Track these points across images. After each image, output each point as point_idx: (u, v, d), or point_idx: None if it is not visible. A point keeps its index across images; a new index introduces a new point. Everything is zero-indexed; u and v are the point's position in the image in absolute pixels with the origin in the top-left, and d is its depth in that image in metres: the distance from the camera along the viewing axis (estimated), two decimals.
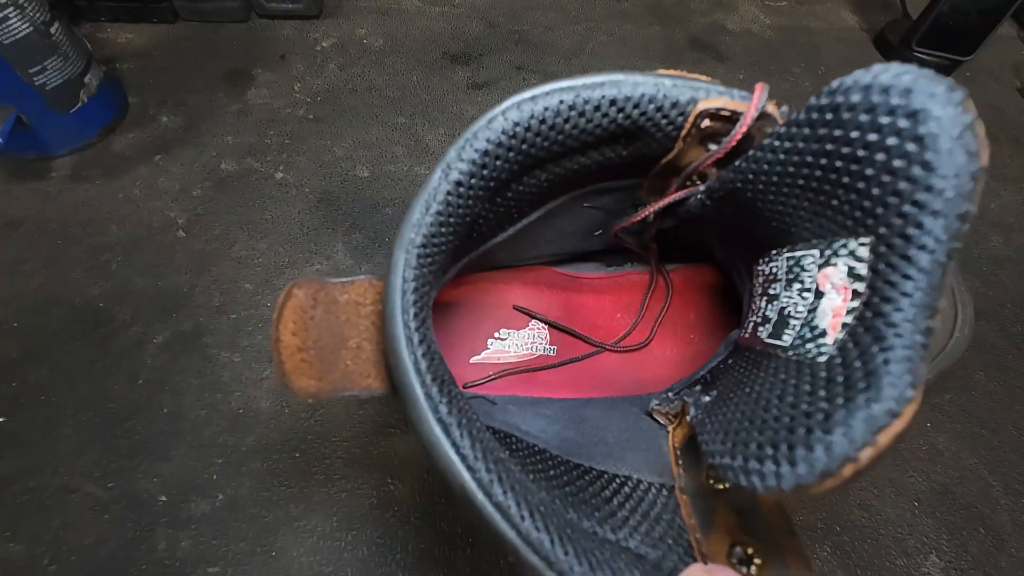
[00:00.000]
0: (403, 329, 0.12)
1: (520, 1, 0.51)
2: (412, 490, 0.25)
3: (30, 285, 0.30)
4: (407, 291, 0.13)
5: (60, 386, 0.27)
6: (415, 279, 0.13)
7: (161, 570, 0.22)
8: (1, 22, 0.28)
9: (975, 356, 0.33)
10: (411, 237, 0.13)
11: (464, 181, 0.13)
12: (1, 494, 0.24)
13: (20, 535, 0.23)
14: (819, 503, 0.27)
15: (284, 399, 0.27)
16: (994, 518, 0.28)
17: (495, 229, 0.18)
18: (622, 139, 0.15)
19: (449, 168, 0.13)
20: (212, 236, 0.32)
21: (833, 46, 0.53)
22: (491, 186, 0.14)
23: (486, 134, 0.13)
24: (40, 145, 0.33)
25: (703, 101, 0.14)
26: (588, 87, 0.14)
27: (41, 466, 0.24)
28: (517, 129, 0.14)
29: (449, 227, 0.14)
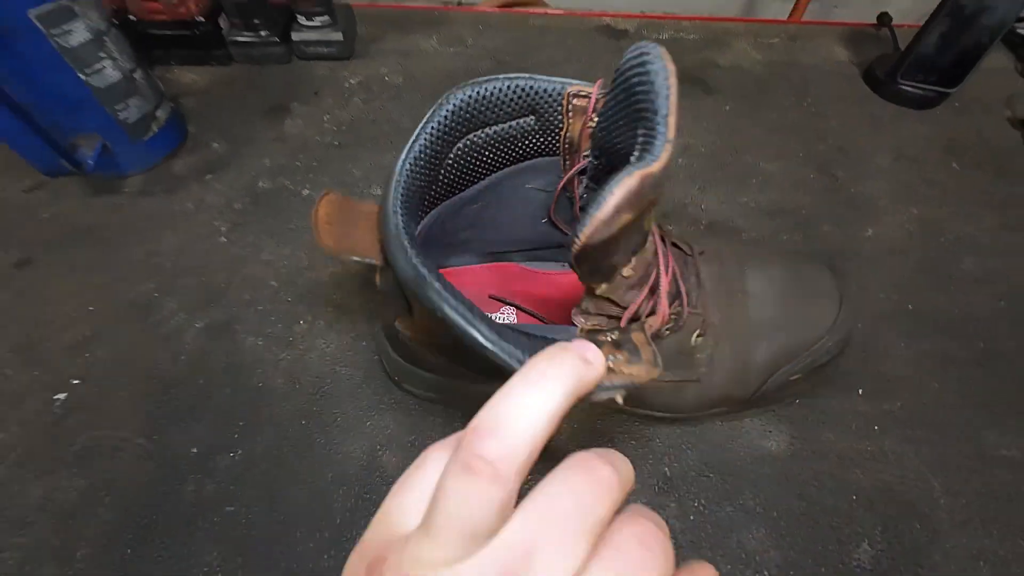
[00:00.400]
0: (392, 218, 0.18)
1: (528, 41, 0.57)
2: (399, 460, 0.30)
3: (101, 279, 0.36)
4: (396, 202, 0.18)
5: (119, 360, 0.33)
6: (402, 195, 0.19)
7: (190, 507, 0.27)
8: (99, 71, 0.36)
9: (934, 367, 0.35)
10: (397, 174, 0.19)
11: (431, 136, 0.19)
12: (71, 442, 0.29)
13: (84, 473, 0.28)
14: (759, 488, 0.30)
15: (295, 379, 0.32)
16: (932, 516, 0.29)
17: (456, 181, 0.23)
18: (531, 112, 0.21)
19: (422, 130, 0.19)
20: (247, 243, 0.39)
21: (822, 80, 0.56)
22: (449, 139, 0.20)
23: (446, 106, 0.19)
24: (117, 166, 0.41)
25: (570, 87, 0.19)
26: (509, 79, 0.20)
27: (101, 421, 0.30)
28: (464, 103, 0.20)
29: (420, 168, 0.20)
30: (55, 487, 0.28)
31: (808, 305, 0.28)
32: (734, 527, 0.29)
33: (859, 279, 0.39)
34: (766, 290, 0.28)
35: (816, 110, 0.52)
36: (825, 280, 0.29)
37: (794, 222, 0.43)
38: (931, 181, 0.47)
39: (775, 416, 0.33)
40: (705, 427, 0.32)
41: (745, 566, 0.28)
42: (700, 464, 0.31)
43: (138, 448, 0.29)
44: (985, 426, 0.33)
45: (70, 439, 0.30)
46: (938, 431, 0.33)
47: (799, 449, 0.31)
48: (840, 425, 0.33)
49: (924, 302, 0.38)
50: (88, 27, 0.34)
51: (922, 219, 0.44)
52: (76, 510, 0.27)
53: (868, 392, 0.34)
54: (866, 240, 0.42)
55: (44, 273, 0.36)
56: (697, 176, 0.45)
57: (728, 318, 0.27)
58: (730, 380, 0.27)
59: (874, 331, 0.37)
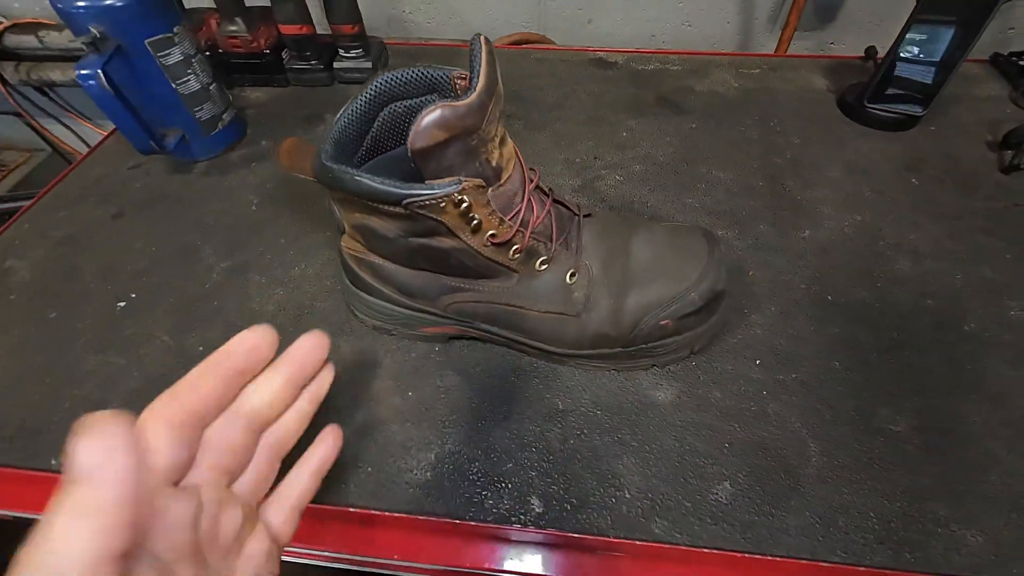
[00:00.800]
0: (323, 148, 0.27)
1: (523, 70, 0.67)
2: (341, 371, 0.37)
3: (164, 230, 0.49)
4: (329, 139, 0.27)
5: (164, 284, 0.44)
6: (334, 137, 0.27)
7: None
8: (186, 83, 0.50)
9: (839, 351, 0.37)
10: (334, 122, 0.28)
11: (361, 101, 0.28)
12: (121, 334, 0.40)
13: (124, 355, 0.39)
14: (638, 428, 0.34)
15: (282, 307, 0.41)
16: (800, 471, 0.32)
17: (383, 140, 0.31)
18: (432, 90, 0.29)
19: (356, 96, 0.28)
20: (271, 211, 0.50)
21: (793, 104, 0.60)
22: (375, 103, 0.28)
23: (373, 81, 0.28)
24: (190, 153, 0.54)
25: (454, 72, 0.27)
26: (416, 68, 0.28)
27: (143, 323, 0.41)
28: (386, 81, 0.28)
29: (352, 121, 0.28)
30: (104, 361, 0.39)
31: (679, 262, 0.33)
32: (607, 454, 0.33)
33: (781, 271, 0.43)
34: (644, 250, 0.33)
35: (780, 129, 0.57)
36: (698, 242, 0.33)
37: (731, 221, 0.47)
38: (881, 192, 0.49)
39: (669, 373, 0.37)
40: (602, 375, 0.36)
41: (609, 484, 0.32)
42: (591, 403, 0.35)
43: (164, 343, 0.40)
44: (880, 405, 0.35)
45: (121, 332, 0.40)
46: (829, 404, 0.35)
47: (685, 402, 0.35)
48: (730, 387, 0.36)
49: (844, 295, 0.41)
50: (182, 52, 0.48)
51: (863, 225, 0.46)
52: (115, 376, 0.38)
53: (766, 363, 0.37)
54: (800, 240, 0.45)
55: (129, 223, 0.50)
56: (649, 180, 0.51)
57: (607, 269, 0.33)
58: (605, 320, 0.32)
59: (785, 313, 0.40)
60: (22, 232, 0.49)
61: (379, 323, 0.38)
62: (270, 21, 0.62)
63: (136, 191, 0.53)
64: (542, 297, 0.32)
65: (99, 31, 0.42)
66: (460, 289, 0.32)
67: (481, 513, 0.31)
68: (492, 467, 0.32)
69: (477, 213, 0.26)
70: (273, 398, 0.20)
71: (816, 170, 0.52)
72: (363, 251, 0.32)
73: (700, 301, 0.32)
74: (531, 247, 0.30)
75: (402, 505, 0.31)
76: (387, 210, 0.26)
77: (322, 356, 0.22)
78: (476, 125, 0.23)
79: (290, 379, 0.21)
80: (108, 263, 0.46)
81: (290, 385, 0.21)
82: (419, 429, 0.34)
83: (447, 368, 0.37)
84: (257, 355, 0.20)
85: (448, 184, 0.24)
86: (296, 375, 0.21)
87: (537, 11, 0.80)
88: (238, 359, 0.19)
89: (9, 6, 0.92)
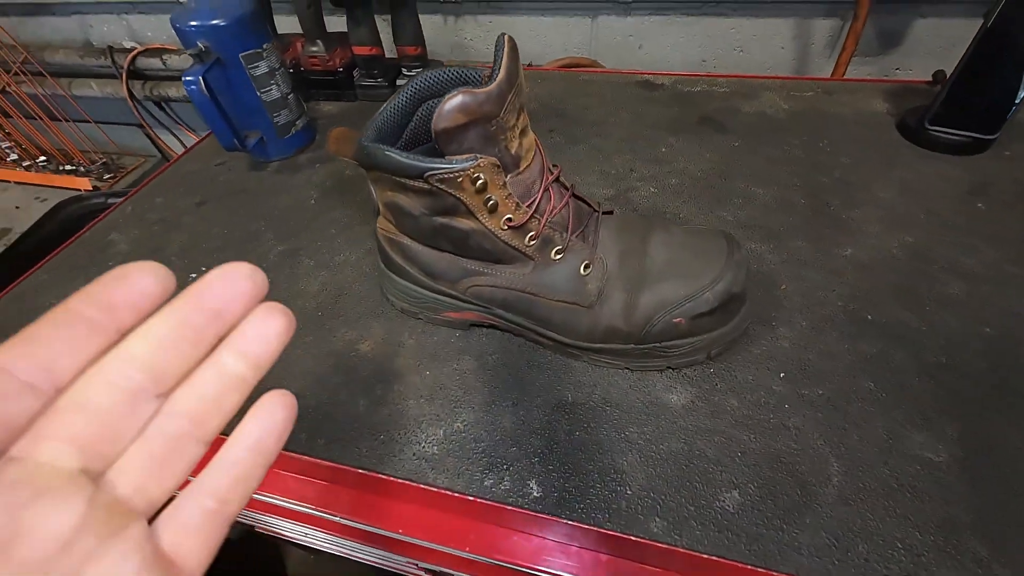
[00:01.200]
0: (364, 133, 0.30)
1: (571, 89, 0.70)
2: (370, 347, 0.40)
3: (238, 218, 0.55)
4: (371, 126, 0.30)
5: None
6: (376, 125, 0.30)
7: None
8: (268, 91, 0.57)
9: (873, 370, 0.35)
10: (377, 113, 0.31)
11: (402, 96, 0.31)
12: None
13: None
14: (647, 427, 0.33)
15: (325, 286, 0.46)
16: (818, 488, 0.30)
17: (422, 132, 0.34)
18: None
19: (398, 92, 0.32)
20: (327, 205, 0.55)
21: (847, 126, 0.58)
22: (415, 98, 0.32)
23: (414, 81, 0.31)
24: (266, 153, 0.61)
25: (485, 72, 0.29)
26: (451, 69, 0.31)
27: None
28: (425, 79, 0.31)
29: (393, 114, 0.31)
30: None
31: (696, 261, 0.33)
32: (612, 450, 0.33)
33: (816, 286, 0.41)
34: (661, 248, 0.34)
35: (830, 150, 0.55)
36: (717, 244, 0.33)
37: (766, 235, 0.46)
38: (937, 214, 0.46)
39: (684, 377, 0.36)
40: (615, 373, 0.37)
41: (611, 479, 0.31)
42: (601, 399, 0.35)
43: None
44: (916, 429, 0.32)
45: None
46: (857, 424, 0.33)
47: (698, 407, 0.34)
48: (749, 397, 0.35)
49: (885, 314, 0.39)
50: (268, 65, 0.56)
51: (913, 246, 0.44)
52: None
53: (790, 377, 0.35)
54: (840, 257, 0.43)
55: (211, 210, 0.57)
56: (683, 192, 0.51)
57: (623, 265, 0.33)
58: (617, 314, 0.33)
59: (816, 328, 0.38)
60: (126, 214, 0.58)
61: (407, 306, 0.41)
62: (346, 43, 0.70)
63: (219, 184, 0.61)
64: (556, 286, 0.33)
65: (204, 45, 0.50)
66: (479, 273, 0.34)
67: (480, 491, 0.32)
68: (496, 449, 0.33)
69: (493, 194, 0.28)
70: (157, 348, 0.13)
71: (865, 190, 0.50)
72: (394, 231, 0.35)
73: (715, 301, 0.32)
74: (547, 235, 0.32)
75: (407, 474, 0.33)
76: (412, 186, 0.28)
77: (246, 296, 0.14)
78: (495, 112, 0.25)
79: (186, 323, 0.13)
80: (189, 242, 0.53)
81: (187, 331, 0.13)
82: (432, 406, 0.36)
83: (465, 353, 0.39)
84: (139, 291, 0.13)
85: (465, 160, 0.26)
86: (197, 317, 0.14)
87: (589, 37, 0.84)
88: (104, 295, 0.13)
89: (143, 34, 1.09)
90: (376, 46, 0.68)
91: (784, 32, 0.76)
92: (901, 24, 0.70)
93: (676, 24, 0.80)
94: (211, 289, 0.14)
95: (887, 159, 0.53)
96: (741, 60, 0.80)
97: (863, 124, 0.58)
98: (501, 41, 0.26)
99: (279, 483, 0.36)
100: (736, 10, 0.76)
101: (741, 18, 0.77)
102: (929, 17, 0.68)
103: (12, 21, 1.14)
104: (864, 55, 0.73)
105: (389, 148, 0.27)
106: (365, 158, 0.29)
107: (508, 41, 0.26)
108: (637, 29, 0.82)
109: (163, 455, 0.13)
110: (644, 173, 0.54)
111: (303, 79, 0.71)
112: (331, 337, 0.41)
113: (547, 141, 0.61)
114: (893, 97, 0.62)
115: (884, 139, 0.56)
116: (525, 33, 0.87)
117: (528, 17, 0.85)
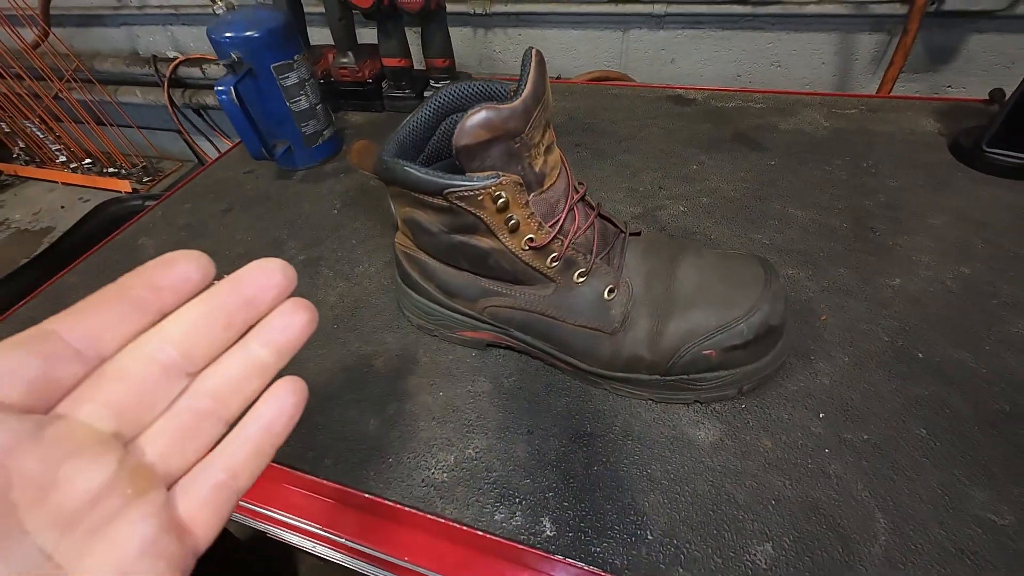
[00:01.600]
0: (385, 151, 0.29)
1: (598, 103, 0.68)
2: (383, 362, 0.39)
3: (262, 224, 0.56)
4: (391, 141, 0.29)
5: None
6: (396, 139, 0.30)
7: None
8: (297, 102, 0.58)
9: (924, 414, 0.32)
10: (399, 127, 0.31)
11: (426, 110, 0.30)
12: None
13: None
14: (671, 465, 0.31)
15: (343, 298, 0.45)
16: (862, 547, 0.27)
17: (445, 146, 0.33)
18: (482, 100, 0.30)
19: (421, 105, 0.31)
20: (349, 215, 0.55)
21: (894, 146, 0.55)
22: (439, 112, 0.31)
23: (439, 94, 0.31)
24: (293, 162, 0.62)
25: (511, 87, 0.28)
26: (477, 82, 0.30)
27: None
28: (450, 93, 0.31)
29: (416, 128, 0.31)
30: None
31: (729, 289, 0.31)
32: (633, 488, 0.31)
33: (860, 319, 0.38)
34: (692, 273, 0.32)
35: (876, 171, 0.52)
36: (753, 271, 0.31)
37: (804, 260, 0.43)
38: (998, 245, 0.42)
39: (713, 412, 0.34)
40: (638, 404, 0.34)
41: (630, 521, 0.29)
42: (622, 431, 0.33)
43: None
44: (976, 485, 0.29)
45: None
46: (908, 476, 0.30)
47: (728, 446, 0.32)
48: (784, 437, 0.32)
49: (939, 353, 0.35)
50: (298, 76, 0.56)
51: (971, 279, 0.40)
52: None
53: (831, 417, 0.33)
54: (887, 288, 0.40)
55: (236, 217, 0.57)
56: (715, 213, 0.49)
57: (649, 290, 0.31)
58: (641, 342, 0.31)
59: (860, 365, 0.35)
60: (155, 218, 0.59)
61: (423, 322, 0.40)
62: (375, 55, 0.70)
63: (246, 191, 0.61)
64: (577, 310, 0.31)
65: (237, 56, 0.51)
66: (497, 293, 0.33)
67: (490, 525, 0.30)
68: (508, 480, 0.32)
69: (515, 213, 0.27)
70: (191, 329, 0.14)
71: (915, 216, 0.46)
72: (412, 247, 0.34)
73: (749, 334, 0.29)
74: (569, 257, 0.30)
75: (414, 501, 0.31)
76: (430, 203, 0.27)
77: (277, 289, 0.15)
78: (519, 129, 0.24)
79: (220, 308, 0.15)
80: (213, 247, 0.53)
81: (219, 316, 0.14)
82: (443, 429, 0.35)
83: (480, 374, 0.38)
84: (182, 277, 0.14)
85: (486, 177, 0.25)
86: (230, 303, 0.15)
87: (620, 50, 0.82)
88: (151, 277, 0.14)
89: (186, 45, 1.14)
90: (405, 58, 0.68)
91: (826, 47, 0.73)
92: (955, 39, 0.66)
93: (710, 38, 0.78)
94: (246, 279, 0.15)
95: (939, 182, 0.49)
96: (778, 76, 0.77)
97: (911, 144, 0.55)
98: (528, 55, 0.25)
99: (286, 498, 0.35)
100: (774, 24, 0.74)
101: (780, 32, 0.74)
102: (987, 32, 0.64)
103: (68, 31, 1.20)
104: (912, 71, 0.69)
105: (408, 163, 0.26)
106: (384, 172, 0.28)
107: (536, 55, 0.24)
108: (669, 43, 0.80)
109: (187, 429, 0.14)
110: (674, 191, 0.52)
111: (333, 89, 0.72)
112: (345, 351, 0.40)
113: (574, 156, 0.60)
114: (944, 116, 0.58)
115: (935, 161, 0.52)
116: (555, 46, 0.87)
117: (558, 30, 0.84)
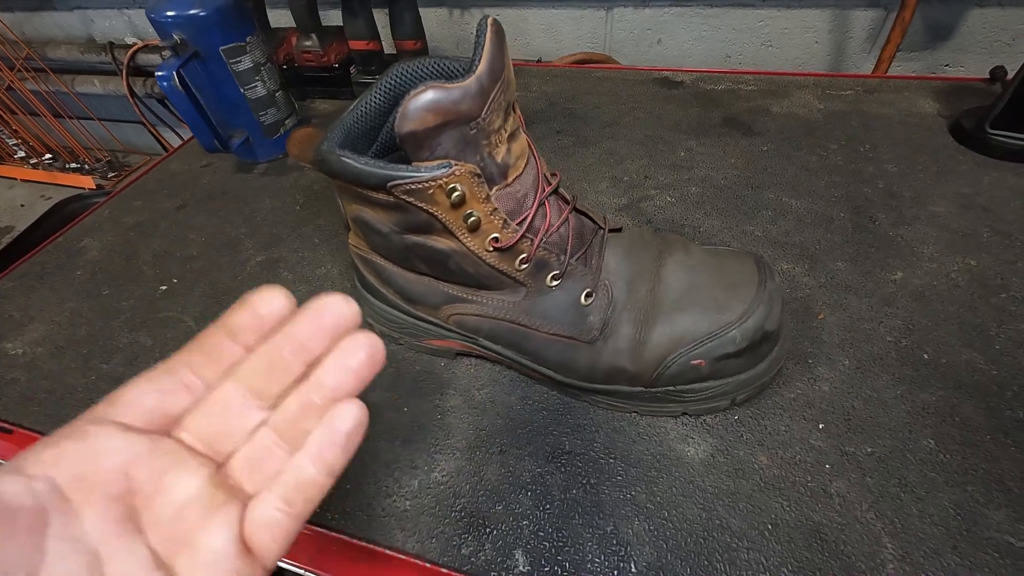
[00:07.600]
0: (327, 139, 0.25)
1: (581, 87, 0.64)
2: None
3: (217, 222, 0.51)
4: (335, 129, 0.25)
5: (203, 272, 0.45)
6: (340, 127, 0.26)
7: None
8: (253, 88, 0.53)
9: (933, 423, 0.29)
10: (344, 112, 0.27)
11: (374, 93, 0.26)
12: (156, 314, 0.42)
13: (152, 335, 0.40)
14: (656, 486, 0.28)
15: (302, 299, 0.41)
16: (868, 574, 0.24)
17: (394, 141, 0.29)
18: None
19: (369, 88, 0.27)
20: (312, 211, 0.51)
21: (891, 129, 0.52)
22: (389, 96, 0.27)
23: (387, 76, 0.26)
24: (253, 154, 0.57)
25: None
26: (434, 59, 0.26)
27: (175, 307, 0.42)
28: (399, 72, 0.26)
29: (364, 113, 0.27)
30: (134, 340, 0.40)
31: (720, 291, 0.27)
32: (615, 514, 0.28)
33: (861, 318, 0.35)
34: (679, 274, 0.28)
35: (874, 156, 0.49)
36: (747, 270, 0.28)
37: (800, 254, 0.40)
38: (1006, 234, 0.39)
39: (703, 426, 0.31)
40: (622, 417, 0.31)
41: (612, 552, 0.26)
42: (603, 448, 0.30)
43: (188, 328, 0.41)
44: (992, 504, 0.26)
45: (156, 312, 0.42)
46: (916, 495, 0.27)
47: (720, 463, 0.29)
48: (781, 453, 0.29)
49: (947, 355, 0.32)
50: (252, 60, 0.52)
51: (978, 272, 0.37)
52: (139, 355, 0.39)
53: (831, 429, 0.30)
54: (889, 282, 0.37)
55: (190, 214, 0.53)
56: (705, 204, 0.46)
57: (632, 293, 0.28)
58: (623, 352, 0.28)
59: (863, 369, 0.32)
60: (102, 217, 0.54)
61: (385, 330, 0.36)
62: (342, 39, 0.65)
63: (202, 186, 0.57)
64: (551, 317, 0.28)
65: (180, 38, 0.46)
66: (462, 299, 0.29)
67: (456, 560, 0.27)
68: (478, 507, 0.28)
69: (474, 209, 0.23)
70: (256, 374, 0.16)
71: (916, 204, 0.43)
72: (366, 250, 0.30)
73: (743, 342, 0.26)
74: (541, 258, 0.26)
75: (372, 534, 0.28)
76: (376, 198, 0.24)
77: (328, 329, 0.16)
78: (474, 112, 0.20)
79: (276, 356, 0.16)
80: (164, 249, 0.49)
81: (277, 362, 0.16)
82: (407, 450, 0.31)
83: (449, 387, 0.34)
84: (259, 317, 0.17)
85: (436, 167, 0.21)
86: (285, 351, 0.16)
87: (604, 31, 0.78)
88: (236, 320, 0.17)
89: (145, 30, 1.07)
90: (373, 40, 0.63)
91: (819, 25, 0.69)
92: (954, 15, 0.62)
93: (698, 16, 0.74)
94: (298, 326, 0.16)
95: (940, 167, 0.46)
96: (770, 56, 0.74)
97: (911, 127, 0.52)
98: (483, 24, 0.21)
99: None
100: (765, 1, 0.70)
101: (771, 9, 0.70)
102: (988, 7, 0.61)
103: (17, 17, 1.13)
104: (909, 50, 0.66)
105: (345, 153, 0.23)
106: (320, 164, 0.24)
107: (492, 24, 0.21)
108: (656, 22, 0.76)
109: (258, 458, 0.16)
110: (661, 181, 0.49)
111: (297, 76, 0.67)
112: None
113: (554, 143, 0.56)
114: (945, 96, 0.55)
115: (936, 144, 0.49)
116: (535, 27, 0.82)
117: (538, 9, 0.80)
